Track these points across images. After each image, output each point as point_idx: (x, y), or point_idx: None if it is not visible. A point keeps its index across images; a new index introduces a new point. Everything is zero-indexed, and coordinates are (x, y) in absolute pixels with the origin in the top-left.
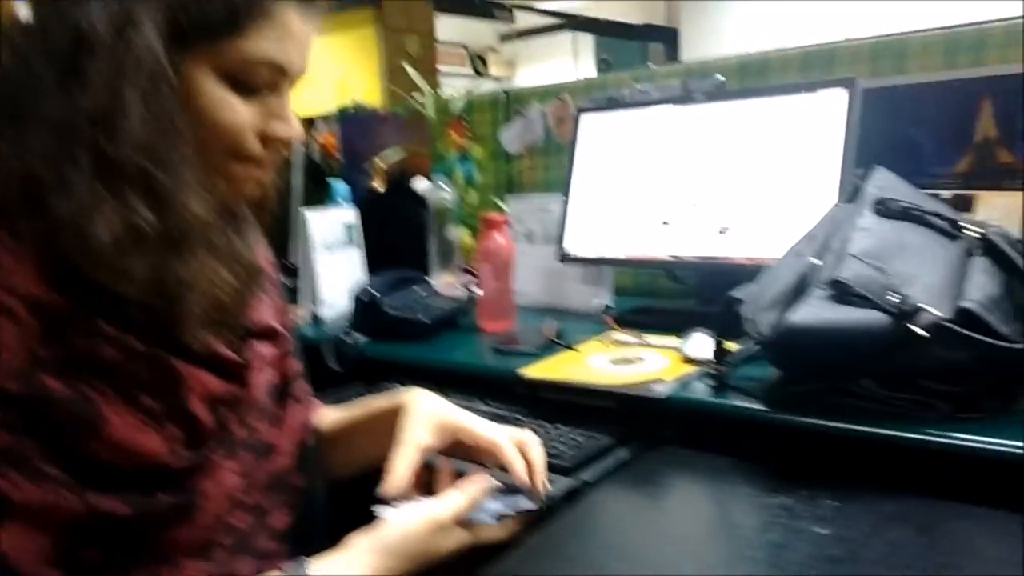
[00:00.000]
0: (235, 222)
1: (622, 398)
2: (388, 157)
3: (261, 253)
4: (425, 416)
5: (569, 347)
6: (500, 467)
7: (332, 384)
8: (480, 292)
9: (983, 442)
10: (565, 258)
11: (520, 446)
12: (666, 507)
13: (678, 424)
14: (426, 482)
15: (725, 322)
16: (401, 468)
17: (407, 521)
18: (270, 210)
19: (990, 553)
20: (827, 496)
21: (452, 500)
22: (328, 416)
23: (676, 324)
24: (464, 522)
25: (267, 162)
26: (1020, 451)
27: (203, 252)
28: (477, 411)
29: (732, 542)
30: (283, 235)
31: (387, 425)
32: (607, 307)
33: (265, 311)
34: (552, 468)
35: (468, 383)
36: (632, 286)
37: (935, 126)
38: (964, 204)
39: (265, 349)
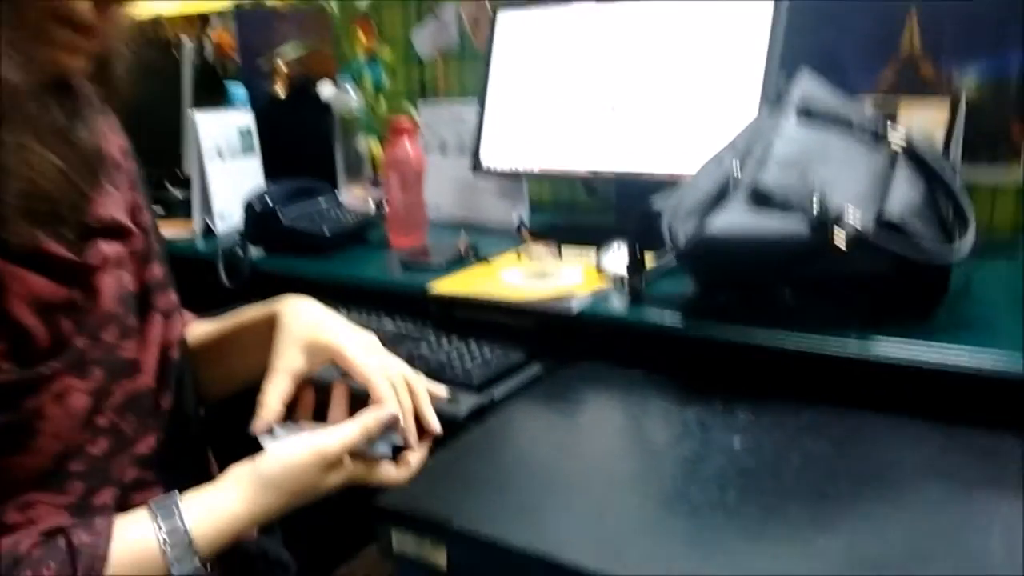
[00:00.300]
0: (70, 101)
1: (535, 313)
2: (286, 54)
3: (113, 141)
4: (299, 336)
5: (482, 260)
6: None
7: (226, 303)
8: (388, 205)
9: (901, 352)
10: (480, 170)
11: (397, 381)
12: (578, 422)
13: (593, 339)
14: (322, 402)
15: (643, 234)
16: (272, 400)
17: (291, 453)
18: (120, 92)
19: (908, 462)
20: (742, 408)
21: (343, 432)
22: (198, 329)
23: (594, 239)
24: (357, 455)
25: (101, 32)
26: (937, 361)
27: (19, 129)
28: (384, 330)
29: (645, 456)
30: (175, 144)
31: (260, 337)
32: (523, 221)
33: (113, 205)
34: (460, 385)
35: (374, 300)
36: (550, 200)
37: (860, 37)
38: (887, 115)
39: (112, 249)
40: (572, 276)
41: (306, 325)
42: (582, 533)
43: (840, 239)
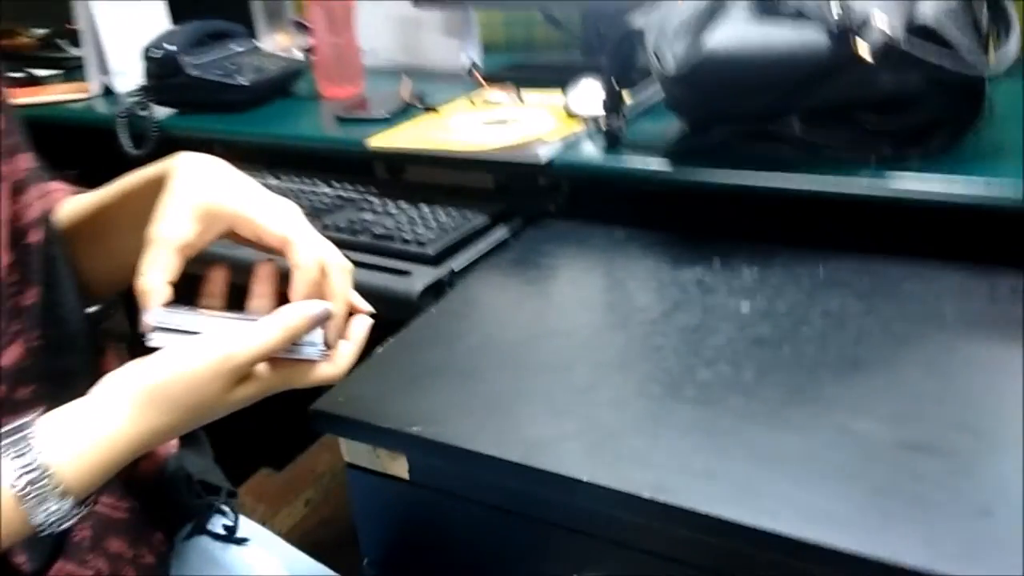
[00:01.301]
0: None
1: (496, 166)
2: None
3: None
4: (188, 198)
5: (430, 109)
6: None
7: None
8: (316, 51)
9: (928, 187)
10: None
11: (322, 267)
12: (554, 294)
13: (566, 194)
14: (240, 286)
15: (620, 62)
16: (152, 279)
17: (186, 358)
18: None
19: (951, 315)
20: (746, 264)
21: (259, 334)
22: (73, 205)
23: (559, 78)
24: (277, 360)
25: None
26: (972, 195)
27: None
28: (321, 194)
29: (636, 329)
30: None
31: (147, 206)
32: (474, 62)
33: None
34: (412, 257)
35: (306, 162)
36: (504, 41)
37: None
38: None
39: None
40: (537, 121)
41: (200, 186)
42: (568, 432)
43: (864, 50)
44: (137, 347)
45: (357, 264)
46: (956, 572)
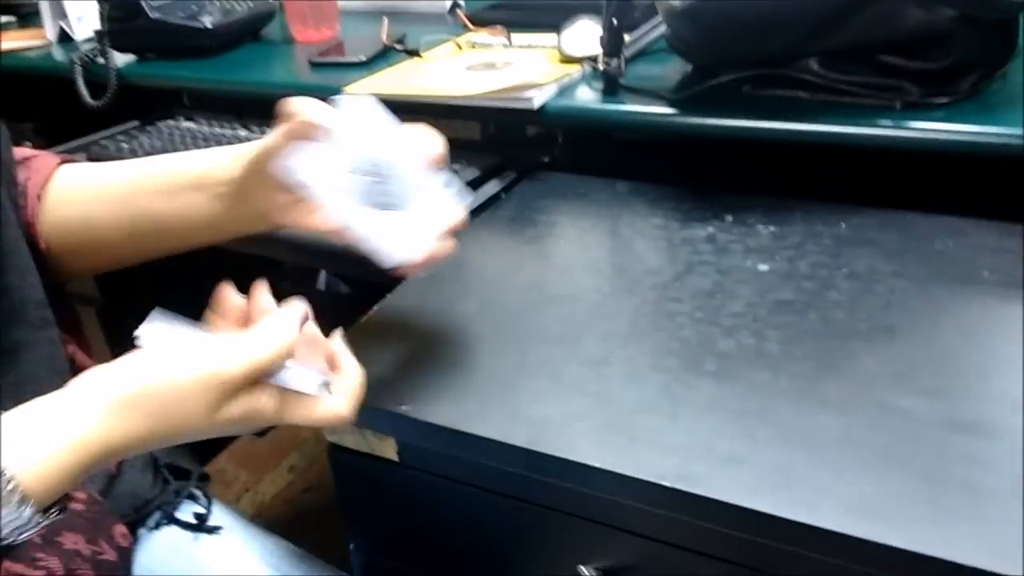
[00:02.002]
0: None
1: (485, 113)
2: None
3: None
4: None
5: (412, 53)
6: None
7: (96, 126)
8: None
9: (958, 131)
10: None
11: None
12: (554, 254)
13: (561, 144)
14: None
15: (619, 2)
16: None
17: (171, 367)
18: None
19: (989, 276)
20: (761, 221)
21: (250, 347)
22: (78, 181)
23: (552, 19)
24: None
25: None
26: (1003, 142)
27: None
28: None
29: (647, 294)
30: None
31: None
32: (458, 3)
33: None
34: None
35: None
36: None
37: None
38: None
39: None
40: (528, 65)
41: None
42: (577, 412)
43: None
44: (121, 342)
45: None
46: (1014, 573)
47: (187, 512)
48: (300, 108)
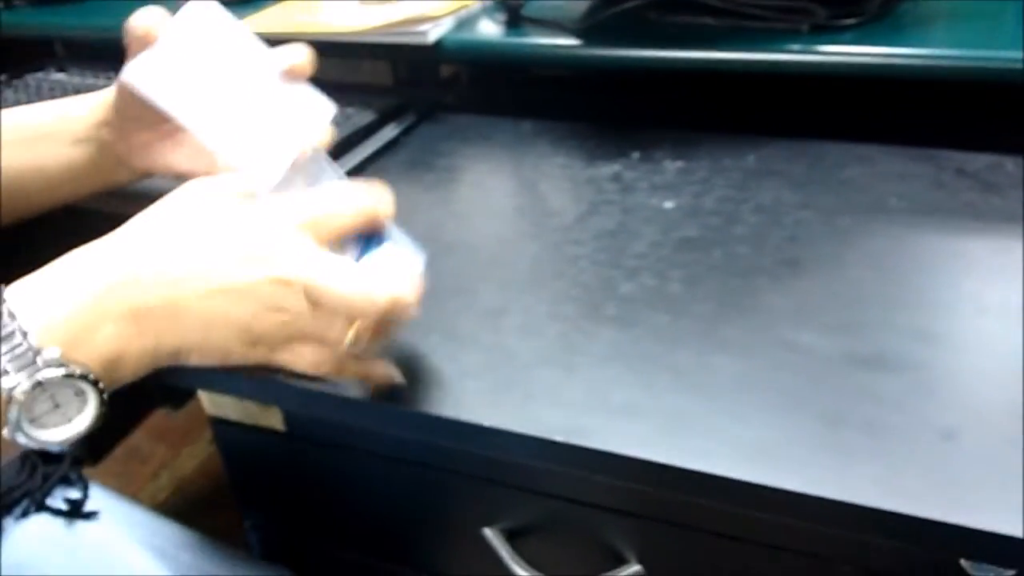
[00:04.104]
0: None
1: (378, 50)
2: None
3: None
4: None
5: None
6: None
7: None
8: None
9: (865, 53)
10: None
11: None
12: (453, 200)
13: (466, 83)
14: None
15: None
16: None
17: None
18: None
19: (896, 205)
20: (668, 157)
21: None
22: None
23: None
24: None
25: None
26: (912, 64)
27: None
28: None
29: (548, 238)
30: None
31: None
32: None
33: None
34: None
35: None
36: None
37: None
38: None
39: None
40: None
41: None
42: (470, 368)
43: None
44: None
45: None
46: (916, 512)
47: (60, 499)
48: (140, 19)
